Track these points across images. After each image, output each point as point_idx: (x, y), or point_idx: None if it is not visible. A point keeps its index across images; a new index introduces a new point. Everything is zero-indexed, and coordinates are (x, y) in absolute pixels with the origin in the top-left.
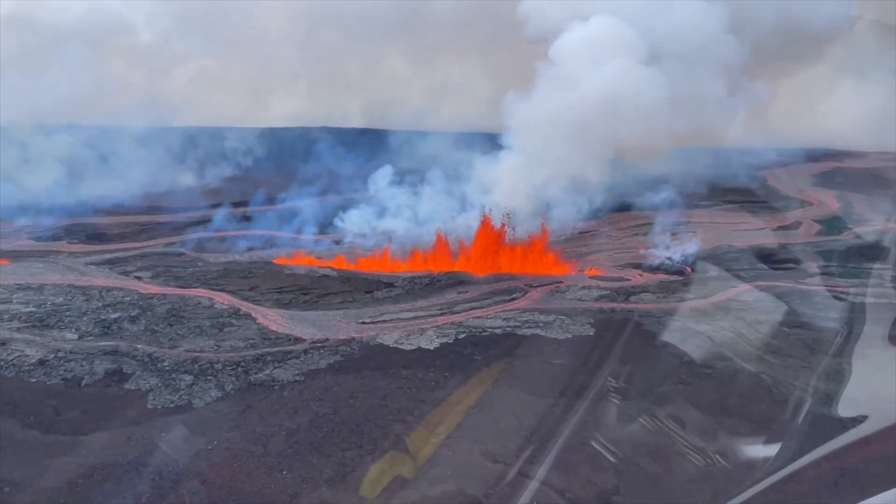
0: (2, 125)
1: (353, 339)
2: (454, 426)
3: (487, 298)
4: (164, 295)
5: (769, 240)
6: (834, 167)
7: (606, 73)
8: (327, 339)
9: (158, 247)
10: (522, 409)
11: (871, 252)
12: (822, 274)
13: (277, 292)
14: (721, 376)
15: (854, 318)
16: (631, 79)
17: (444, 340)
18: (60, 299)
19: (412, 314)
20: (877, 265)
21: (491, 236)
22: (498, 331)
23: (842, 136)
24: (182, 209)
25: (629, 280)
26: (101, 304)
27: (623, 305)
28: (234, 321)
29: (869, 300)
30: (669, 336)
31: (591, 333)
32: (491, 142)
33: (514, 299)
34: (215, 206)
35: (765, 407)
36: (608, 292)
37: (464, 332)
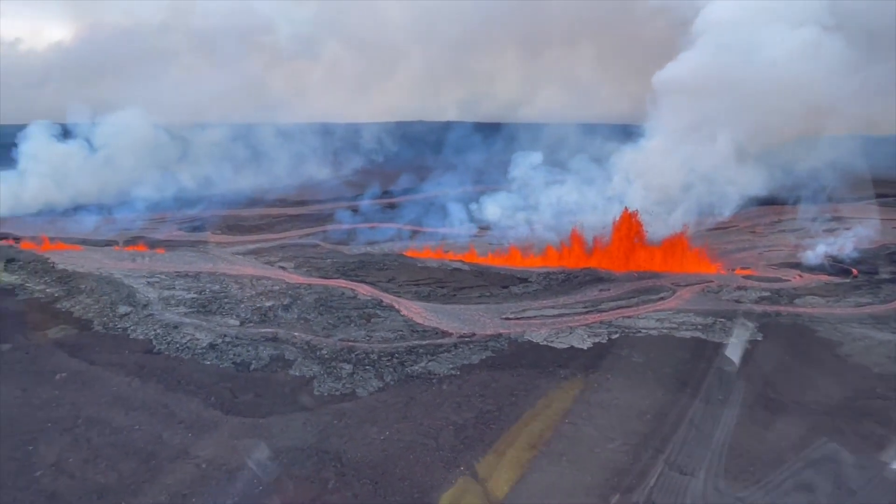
0: (162, 123)
1: (501, 334)
2: (631, 434)
3: (633, 297)
4: (309, 285)
5: None
6: None
7: (786, 40)
8: (474, 334)
9: (294, 238)
10: (703, 419)
11: None
12: None
13: (415, 285)
14: None
15: None
16: (815, 48)
17: (597, 340)
18: (217, 287)
19: (556, 311)
20: None
21: (630, 231)
22: (653, 332)
23: None
24: (315, 202)
25: (788, 281)
26: (254, 293)
27: (789, 309)
28: (379, 312)
29: None
30: (851, 346)
31: (759, 338)
32: (621, 133)
33: (662, 298)
34: (348, 199)
35: None
36: (768, 294)
37: (616, 332)
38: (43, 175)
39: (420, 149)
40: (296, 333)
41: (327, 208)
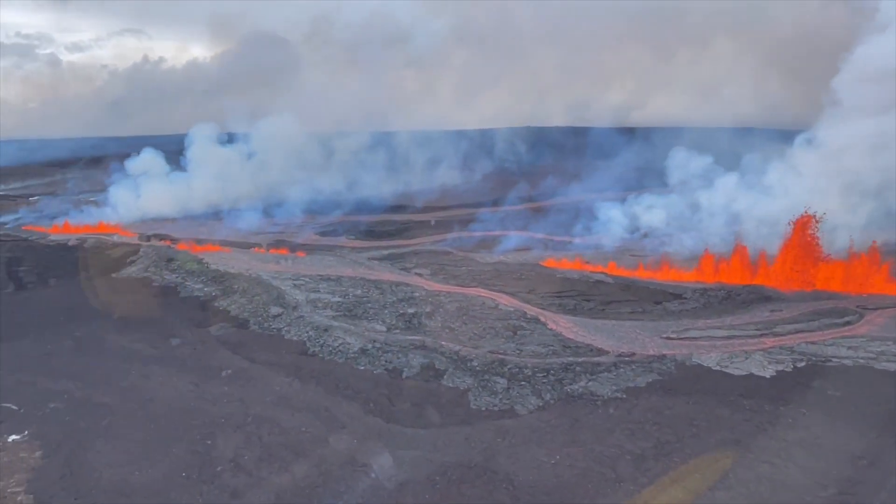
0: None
1: (665, 356)
2: (846, 482)
3: (813, 320)
4: (448, 293)
5: None
6: None
7: None
8: (634, 354)
9: (426, 244)
10: None
11: None
12: None
13: (557, 297)
14: None
15: None
16: None
17: (780, 368)
18: (359, 291)
19: (725, 333)
20: None
21: (805, 245)
22: (847, 361)
23: None
24: (446, 207)
25: None
26: (395, 299)
27: None
28: (524, 325)
29: None
30: None
31: None
32: (775, 136)
33: (848, 323)
34: (477, 206)
35: None
36: None
37: (802, 360)
38: (207, 177)
39: (551, 153)
40: (443, 342)
41: (461, 215)
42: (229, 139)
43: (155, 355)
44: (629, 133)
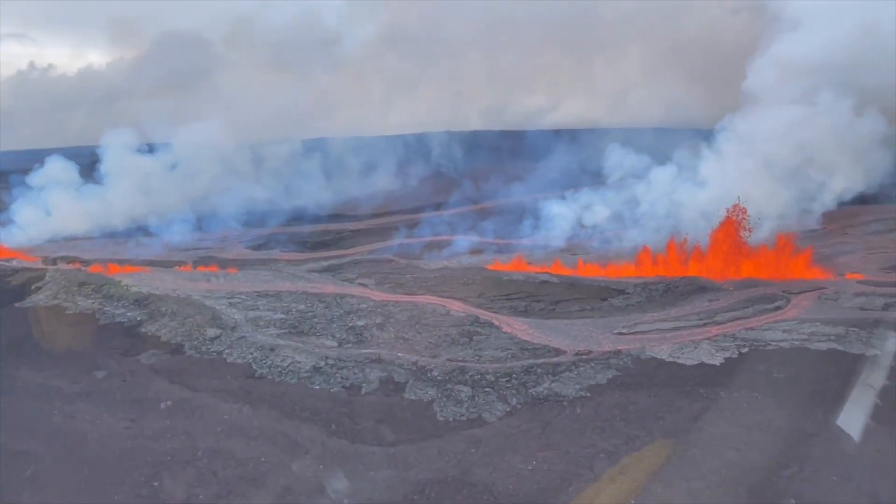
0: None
1: (620, 351)
2: (808, 460)
3: (747, 307)
4: (396, 302)
5: None
6: None
7: None
8: (591, 351)
9: (366, 253)
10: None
11: None
12: None
13: (506, 299)
14: None
15: None
16: None
17: (727, 355)
18: (302, 306)
19: (671, 325)
20: None
21: (732, 237)
22: (784, 344)
23: None
24: (384, 214)
25: None
26: (342, 311)
27: None
28: (479, 330)
29: None
30: None
31: None
32: (690, 137)
33: (778, 308)
34: (417, 211)
35: None
36: (895, 300)
37: (745, 346)
38: (126, 190)
39: (485, 156)
40: (399, 354)
41: (400, 221)
42: (150, 149)
43: (79, 391)
44: (556, 135)
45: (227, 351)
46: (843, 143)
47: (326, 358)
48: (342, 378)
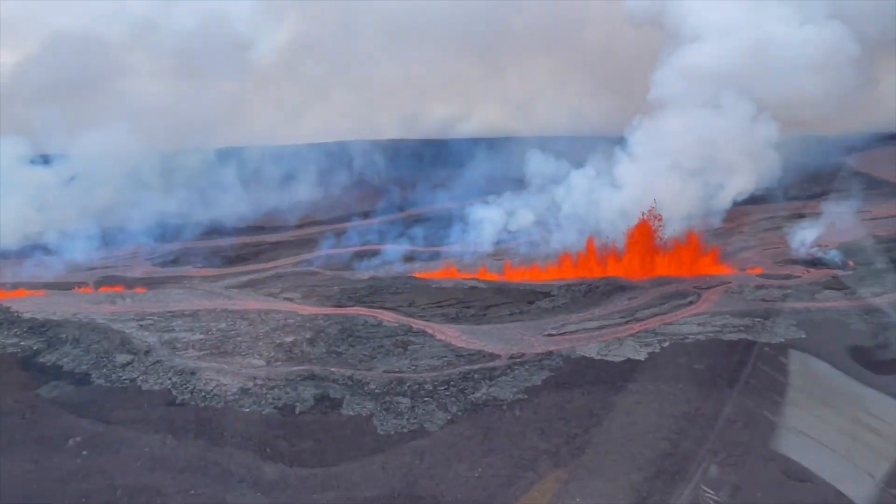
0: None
1: (552, 352)
2: (735, 445)
3: (664, 303)
4: (325, 315)
5: None
6: None
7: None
8: (524, 354)
9: (287, 266)
10: (813, 426)
11: None
12: None
13: (437, 307)
14: None
15: None
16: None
17: (650, 350)
18: (223, 325)
19: (596, 323)
20: None
21: (646, 238)
22: (700, 336)
23: None
24: (305, 225)
25: (799, 277)
26: (268, 328)
27: (816, 304)
28: (413, 339)
29: None
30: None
31: (804, 336)
32: (599, 144)
33: (691, 303)
34: (340, 221)
35: None
36: (790, 290)
37: (666, 340)
38: (17, 205)
39: (404, 165)
40: (333, 369)
41: (319, 231)
42: (44, 160)
43: None
44: (474, 143)
45: (141, 378)
46: (742, 146)
47: (255, 378)
48: (274, 398)
